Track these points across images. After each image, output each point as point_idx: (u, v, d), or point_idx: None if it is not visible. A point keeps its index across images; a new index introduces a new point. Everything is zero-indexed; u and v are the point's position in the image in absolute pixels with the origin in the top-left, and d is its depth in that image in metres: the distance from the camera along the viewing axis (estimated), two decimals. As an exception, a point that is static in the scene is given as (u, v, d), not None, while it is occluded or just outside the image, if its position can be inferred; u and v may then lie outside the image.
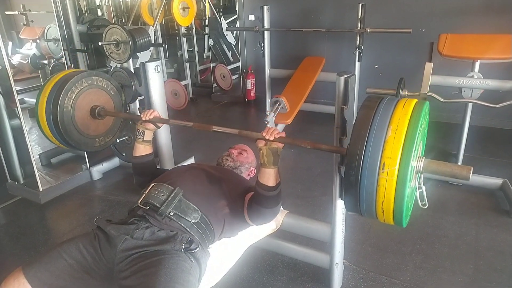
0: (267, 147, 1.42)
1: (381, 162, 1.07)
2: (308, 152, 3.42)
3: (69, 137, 1.83)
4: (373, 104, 1.18)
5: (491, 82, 2.38)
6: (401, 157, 1.06)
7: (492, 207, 2.46)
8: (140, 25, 5.03)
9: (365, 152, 1.09)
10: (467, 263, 1.98)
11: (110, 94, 2.00)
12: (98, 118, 1.93)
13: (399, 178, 1.06)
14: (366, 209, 1.16)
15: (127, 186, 2.92)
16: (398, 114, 1.13)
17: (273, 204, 1.49)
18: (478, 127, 3.41)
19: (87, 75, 1.88)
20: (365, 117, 1.15)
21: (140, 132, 1.72)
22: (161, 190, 1.49)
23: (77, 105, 1.84)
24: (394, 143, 1.07)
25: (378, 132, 1.10)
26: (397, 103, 1.17)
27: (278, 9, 4.27)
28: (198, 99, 5.34)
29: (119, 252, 1.33)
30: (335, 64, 4.09)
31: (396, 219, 1.13)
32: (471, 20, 3.62)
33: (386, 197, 1.08)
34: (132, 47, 2.58)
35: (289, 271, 1.97)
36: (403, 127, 1.09)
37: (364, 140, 1.11)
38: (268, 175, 1.43)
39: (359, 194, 1.12)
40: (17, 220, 2.53)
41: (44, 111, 1.79)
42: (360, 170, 1.10)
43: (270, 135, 1.42)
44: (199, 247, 1.39)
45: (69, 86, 1.78)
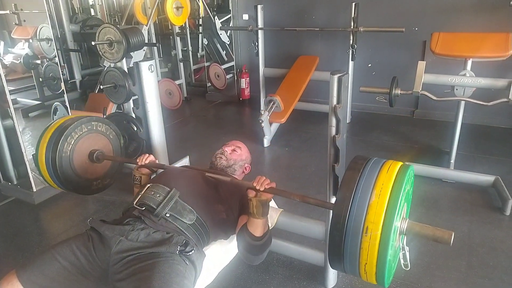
0: (257, 199, 1.41)
1: (364, 226, 1.10)
2: (302, 150, 3.45)
3: (67, 181, 1.86)
4: (359, 167, 1.21)
5: (483, 80, 2.40)
6: (384, 221, 1.08)
7: (484, 204, 2.49)
8: (133, 24, 5.01)
9: (349, 215, 1.12)
10: (460, 259, 2.00)
11: (109, 138, 2.05)
12: (96, 162, 1.96)
13: (381, 242, 1.08)
14: (350, 269, 1.19)
15: (121, 186, 2.89)
16: (382, 178, 1.15)
17: (258, 252, 1.50)
18: (471, 125, 3.44)
19: (87, 121, 1.92)
20: (350, 179, 1.18)
21: (137, 178, 1.76)
22: (157, 191, 1.49)
23: (76, 150, 1.87)
24: (378, 207, 1.10)
25: (362, 196, 1.13)
26: (382, 166, 1.21)
27: (272, 8, 4.28)
28: (192, 99, 5.33)
29: (113, 254, 1.33)
30: (329, 63, 4.11)
31: (379, 280, 1.16)
32: (463, 18, 3.65)
33: (369, 260, 1.11)
34: (125, 46, 2.57)
35: (284, 269, 1.98)
36: (386, 192, 1.12)
37: (348, 203, 1.13)
38: (256, 225, 1.44)
39: (343, 254, 1.15)
40: (10, 221, 2.52)
41: (44, 156, 1.83)
42: (344, 232, 1.12)
43: (261, 186, 1.41)
44: (195, 249, 1.39)
45: (68, 132, 1.82)
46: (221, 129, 4.19)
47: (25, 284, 1.26)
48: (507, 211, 2.35)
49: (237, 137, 3.75)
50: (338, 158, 1.51)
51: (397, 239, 1.21)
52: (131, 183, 1.79)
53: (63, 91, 3.06)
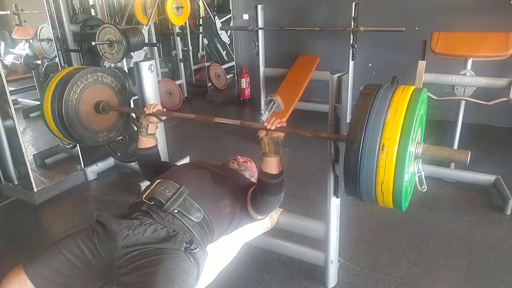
0: (268, 137, 1.45)
1: (380, 143, 1.09)
2: (302, 150, 3.44)
3: (73, 130, 1.86)
4: (372, 91, 1.21)
5: (484, 79, 2.41)
6: (400, 137, 1.08)
7: (485, 203, 2.48)
8: (134, 24, 5.01)
9: (365, 134, 1.12)
10: (461, 259, 2.00)
11: (115, 91, 2.04)
12: (102, 113, 1.96)
13: (398, 158, 1.08)
14: (366, 191, 1.17)
15: (122, 186, 2.91)
16: (397, 98, 1.15)
17: (278, 191, 1.52)
18: (471, 125, 3.44)
19: (93, 70, 1.91)
20: (365, 102, 1.17)
21: (143, 126, 1.76)
22: (167, 187, 1.50)
23: (82, 100, 1.87)
24: (393, 124, 1.10)
25: (377, 115, 1.13)
26: (395, 89, 1.20)
27: (272, 8, 4.28)
28: (192, 99, 5.33)
29: (119, 248, 1.33)
30: (329, 63, 4.10)
31: (396, 201, 1.15)
32: (464, 18, 3.65)
33: (386, 178, 1.10)
34: (125, 46, 2.58)
35: (285, 269, 1.98)
36: (402, 109, 1.12)
37: (364, 123, 1.13)
38: (271, 164, 1.47)
39: (359, 176, 1.14)
40: (11, 221, 2.52)
41: (50, 105, 1.82)
42: (360, 151, 1.12)
43: (271, 125, 1.45)
44: (199, 247, 1.40)
45: (74, 81, 1.82)
46: (221, 129, 4.18)
47: (32, 278, 1.27)
48: (507, 211, 2.35)
49: (237, 137, 3.76)
50: (338, 158, 1.51)
51: (413, 163, 1.21)
52: (132, 183, 1.79)
53: (63, 91, 3.06)
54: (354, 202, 2.52)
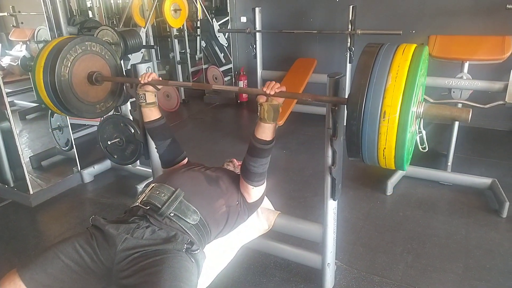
0: (268, 103, 1.44)
1: (381, 110, 1.09)
2: (299, 153, 3.45)
3: (70, 105, 1.83)
4: (373, 50, 1.18)
5: (480, 83, 2.42)
6: (401, 104, 1.08)
7: (481, 206, 2.49)
8: (131, 26, 5.02)
9: (366, 101, 1.11)
10: (457, 261, 2.00)
11: (105, 59, 1.98)
12: (96, 84, 1.92)
13: (399, 125, 1.08)
14: (368, 156, 1.17)
15: (119, 189, 2.90)
16: (397, 61, 1.13)
17: (267, 154, 1.54)
18: (468, 128, 3.46)
19: (80, 41, 1.85)
20: (365, 65, 1.15)
21: (141, 96, 1.73)
22: (162, 190, 1.49)
23: (73, 73, 1.82)
24: (394, 91, 1.09)
25: (378, 81, 1.11)
26: (396, 49, 1.18)
27: (270, 10, 4.29)
28: (190, 101, 5.33)
29: (119, 252, 1.31)
30: (327, 66, 4.11)
31: (398, 164, 1.15)
32: (460, 21, 3.67)
33: (388, 144, 1.10)
34: (123, 48, 2.58)
35: (282, 272, 1.97)
36: (403, 75, 1.10)
37: (364, 89, 1.12)
38: (268, 130, 1.48)
39: (361, 142, 1.14)
40: (7, 224, 2.51)
41: (42, 80, 1.78)
42: (362, 119, 1.11)
43: (271, 90, 1.44)
44: (200, 248, 1.40)
45: (63, 54, 1.76)
46: (218, 131, 4.19)
47: (27, 283, 1.24)
48: (503, 214, 2.35)
49: (235, 139, 3.76)
50: (335, 160, 1.51)
51: (414, 123, 1.20)
52: (128, 186, 1.79)
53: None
54: (351, 205, 2.53)
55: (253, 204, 1.68)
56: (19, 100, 4.37)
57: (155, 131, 1.81)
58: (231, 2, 4.92)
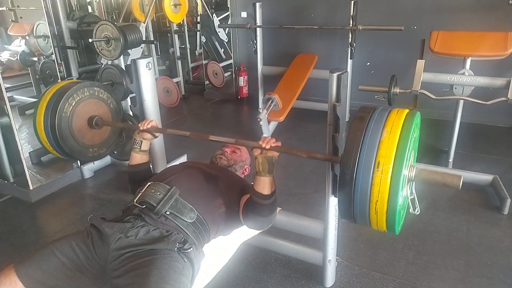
0: (263, 156, 1.43)
1: (376, 161, 1.09)
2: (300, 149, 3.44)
3: (64, 143, 1.84)
4: (367, 114, 1.22)
5: (482, 79, 2.40)
6: (396, 156, 1.09)
7: (482, 203, 2.48)
8: (131, 21, 4.98)
9: (361, 152, 1.12)
10: (458, 258, 2.00)
11: (110, 107, 2.04)
12: (95, 128, 1.95)
13: (393, 176, 1.08)
14: (360, 210, 1.17)
15: (119, 185, 2.89)
16: (392, 118, 1.17)
17: (268, 212, 1.50)
18: (469, 124, 3.44)
19: (90, 85, 1.92)
20: (360, 123, 1.19)
21: (137, 142, 1.73)
22: (158, 189, 1.48)
23: (76, 113, 1.86)
24: (389, 143, 1.11)
25: (373, 134, 1.14)
26: (390, 111, 1.23)
27: (270, 6, 4.26)
28: (190, 97, 5.31)
29: (112, 251, 1.32)
30: (328, 61, 4.09)
31: (389, 222, 1.14)
32: (462, 17, 3.65)
33: (380, 196, 1.10)
34: (123, 44, 2.56)
35: (282, 268, 1.97)
36: (397, 129, 1.13)
37: (359, 141, 1.14)
38: (264, 184, 1.45)
39: (353, 193, 1.14)
40: (7, 219, 2.50)
41: (43, 116, 1.80)
42: (356, 168, 1.12)
43: (266, 144, 1.43)
44: (193, 247, 1.38)
45: (71, 93, 1.81)
46: (219, 127, 4.17)
47: (23, 279, 1.25)
48: (505, 210, 2.35)
49: (235, 135, 3.74)
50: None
51: (406, 186, 1.21)
52: (127, 181, 1.78)
53: (60, 88, 3.04)
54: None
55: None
56: (19, 95, 4.36)
57: (137, 175, 1.75)
58: (232, -3, 4.89)
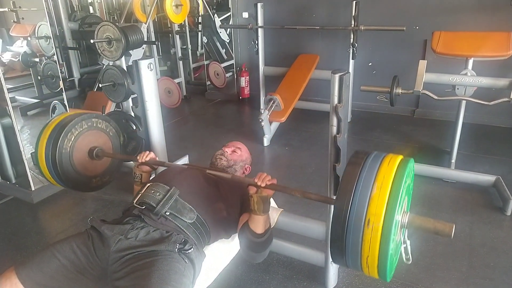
0: (258, 195, 1.41)
1: (366, 218, 1.10)
2: (302, 150, 3.43)
3: (66, 177, 1.86)
4: (360, 161, 1.21)
5: (484, 79, 2.39)
6: (386, 213, 1.08)
7: (485, 204, 2.47)
8: (132, 22, 4.99)
9: (351, 208, 1.12)
10: (461, 259, 1.99)
11: (109, 136, 2.05)
12: (96, 159, 1.96)
13: (383, 234, 1.08)
14: (352, 263, 1.18)
15: (121, 185, 2.89)
16: (383, 171, 1.16)
17: (261, 249, 1.49)
18: (472, 125, 3.43)
19: (87, 117, 1.92)
20: (352, 173, 1.18)
21: (137, 176, 1.75)
22: (157, 189, 1.48)
23: (76, 147, 1.88)
24: (379, 199, 1.10)
25: (363, 189, 1.13)
26: (382, 159, 1.21)
27: (272, 6, 4.25)
28: (191, 97, 5.31)
29: (113, 253, 1.32)
30: (329, 62, 4.09)
31: (381, 274, 1.15)
32: (465, 17, 3.64)
33: (371, 253, 1.10)
34: (124, 44, 2.55)
35: (285, 270, 1.96)
36: (388, 184, 1.12)
37: (350, 196, 1.13)
38: (258, 222, 1.43)
39: (344, 247, 1.15)
40: (9, 220, 2.50)
41: (44, 153, 1.82)
42: (346, 225, 1.12)
43: (262, 182, 1.41)
44: (194, 247, 1.38)
45: (68, 128, 1.82)
46: (220, 128, 4.17)
47: (24, 281, 1.25)
48: (508, 211, 2.34)
49: (237, 136, 3.74)
50: (339, 158, 1.50)
51: (399, 232, 1.21)
52: (130, 182, 1.79)
53: (61, 89, 3.04)
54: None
55: None
56: (20, 96, 4.37)
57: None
58: (233, -2, 4.89)
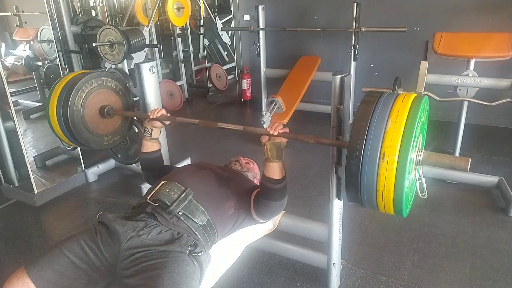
0: (271, 142, 1.46)
1: (381, 152, 1.11)
2: (304, 151, 3.43)
3: (79, 135, 1.89)
4: (373, 99, 1.22)
5: (486, 80, 2.39)
6: (401, 146, 1.10)
7: (488, 205, 2.47)
8: (134, 25, 5.01)
9: (366, 143, 1.13)
10: (464, 261, 1.98)
11: (119, 95, 2.07)
12: (107, 117, 1.99)
13: (398, 167, 1.10)
14: (367, 198, 1.19)
15: (123, 188, 2.90)
16: (397, 106, 1.17)
17: (280, 196, 1.52)
18: (474, 125, 3.43)
19: (97, 75, 1.94)
20: (365, 111, 1.19)
21: (148, 130, 1.78)
22: (172, 188, 1.49)
23: (87, 105, 1.90)
24: (394, 133, 1.11)
25: (378, 124, 1.14)
26: (396, 97, 1.22)
27: (273, 8, 4.26)
28: (193, 100, 5.32)
29: (123, 250, 1.32)
30: (331, 64, 4.09)
31: (396, 208, 1.16)
32: (466, 18, 3.63)
33: (386, 186, 1.12)
34: (126, 47, 2.57)
35: (287, 272, 1.96)
36: (403, 119, 1.13)
37: (365, 131, 1.14)
38: (274, 169, 1.48)
39: (360, 183, 1.16)
40: (12, 223, 2.51)
41: (55, 110, 1.85)
42: (361, 160, 1.13)
43: (274, 130, 1.46)
44: (204, 250, 1.39)
45: (79, 86, 1.84)
46: (222, 130, 4.16)
47: (35, 280, 1.26)
48: (511, 212, 2.33)
49: (239, 138, 3.75)
50: (341, 160, 1.50)
51: (414, 169, 1.22)
52: (133, 185, 1.79)
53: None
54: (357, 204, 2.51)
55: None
56: (23, 100, 4.39)
57: (149, 162, 1.82)
58: (234, 0, 4.90)
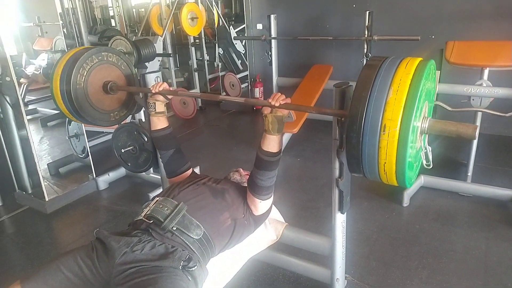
0: (272, 115, 1.45)
1: (382, 124, 1.07)
2: (314, 161, 3.39)
3: (84, 113, 1.88)
4: (376, 64, 1.17)
5: (501, 90, 2.32)
6: (402, 118, 1.06)
7: (503, 219, 2.37)
8: (150, 35, 5.09)
9: (366, 114, 1.09)
10: (476, 279, 1.91)
11: (121, 69, 2.04)
12: (111, 93, 1.97)
13: (400, 139, 1.06)
14: (369, 170, 1.16)
15: (133, 196, 2.92)
16: (400, 74, 1.11)
17: (275, 166, 1.53)
18: (489, 136, 3.33)
19: (97, 51, 1.91)
20: (366, 78, 1.14)
21: (151, 105, 1.79)
22: (165, 204, 1.49)
23: (89, 82, 1.88)
24: (395, 104, 1.07)
25: (379, 94, 1.10)
26: (400, 62, 1.16)
27: (285, 17, 4.26)
28: (206, 108, 5.35)
29: (117, 265, 1.33)
30: (343, 72, 4.04)
31: (399, 180, 1.13)
32: (481, 26, 3.54)
33: (388, 159, 1.09)
34: (136, 58, 2.61)
35: (290, 285, 1.93)
36: (405, 88, 1.08)
37: (365, 102, 1.10)
38: (273, 142, 1.48)
39: (361, 156, 1.13)
40: (23, 230, 2.56)
41: (59, 89, 1.85)
42: (362, 132, 1.10)
43: (276, 101, 1.44)
44: (198, 264, 1.38)
45: (80, 63, 1.82)
46: (234, 139, 4.18)
47: None
48: (527, 228, 2.24)
49: (249, 146, 3.74)
50: (342, 173, 1.47)
51: (418, 138, 1.18)
52: (142, 193, 1.79)
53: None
54: (365, 217, 2.46)
55: (260, 217, 1.65)
56: (42, 108, 4.50)
57: (161, 140, 1.84)
58: (247, 9, 4.92)
